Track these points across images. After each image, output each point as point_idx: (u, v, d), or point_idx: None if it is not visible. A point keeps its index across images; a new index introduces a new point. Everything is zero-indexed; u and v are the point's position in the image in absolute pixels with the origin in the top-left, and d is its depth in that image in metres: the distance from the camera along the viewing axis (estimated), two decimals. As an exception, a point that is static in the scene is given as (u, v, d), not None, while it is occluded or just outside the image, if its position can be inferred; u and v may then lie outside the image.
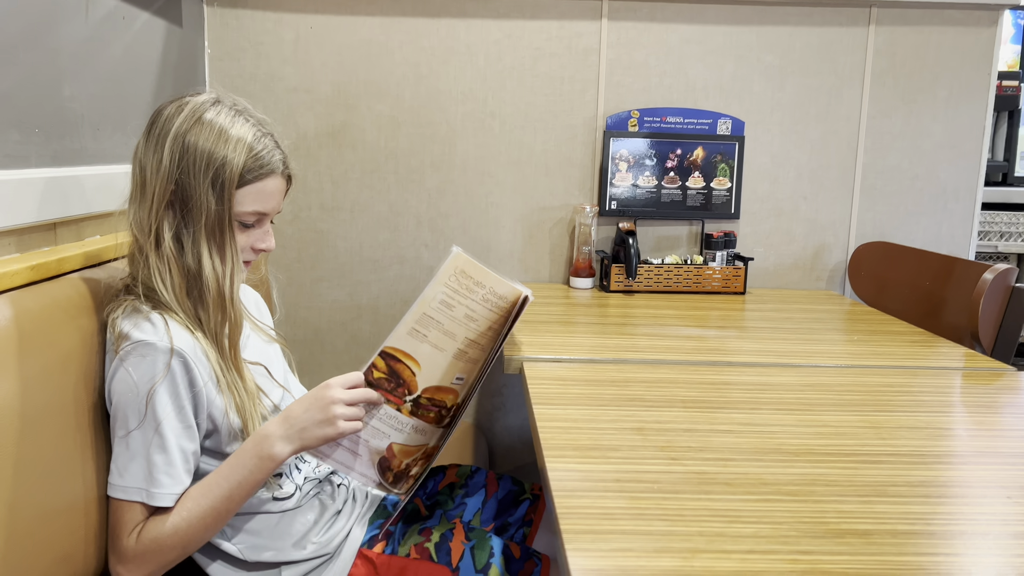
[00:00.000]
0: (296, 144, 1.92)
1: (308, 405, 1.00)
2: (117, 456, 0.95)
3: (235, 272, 1.03)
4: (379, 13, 1.89)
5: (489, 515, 1.28)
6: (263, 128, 1.05)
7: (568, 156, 1.97)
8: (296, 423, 0.99)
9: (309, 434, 0.99)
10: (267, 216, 1.07)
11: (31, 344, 0.89)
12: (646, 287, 1.92)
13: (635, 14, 1.92)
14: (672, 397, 1.14)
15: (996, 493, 0.85)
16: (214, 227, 1.00)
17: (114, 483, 0.95)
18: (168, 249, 0.99)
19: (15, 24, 1.10)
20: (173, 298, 0.99)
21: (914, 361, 1.37)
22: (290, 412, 1.00)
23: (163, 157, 0.98)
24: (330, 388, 1.00)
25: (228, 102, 1.04)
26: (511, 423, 2.07)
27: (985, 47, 1.96)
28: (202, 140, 0.98)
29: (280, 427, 0.99)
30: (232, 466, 0.99)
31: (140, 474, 0.94)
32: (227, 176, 0.99)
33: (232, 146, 0.99)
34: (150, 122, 1.02)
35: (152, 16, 1.56)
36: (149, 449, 0.94)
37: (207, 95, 1.04)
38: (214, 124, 1.00)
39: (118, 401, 0.95)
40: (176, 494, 0.96)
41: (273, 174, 1.04)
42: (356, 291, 2.00)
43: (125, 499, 0.95)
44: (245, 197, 1.02)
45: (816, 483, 0.86)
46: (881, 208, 2.03)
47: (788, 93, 1.97)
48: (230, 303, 1.02)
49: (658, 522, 0.77)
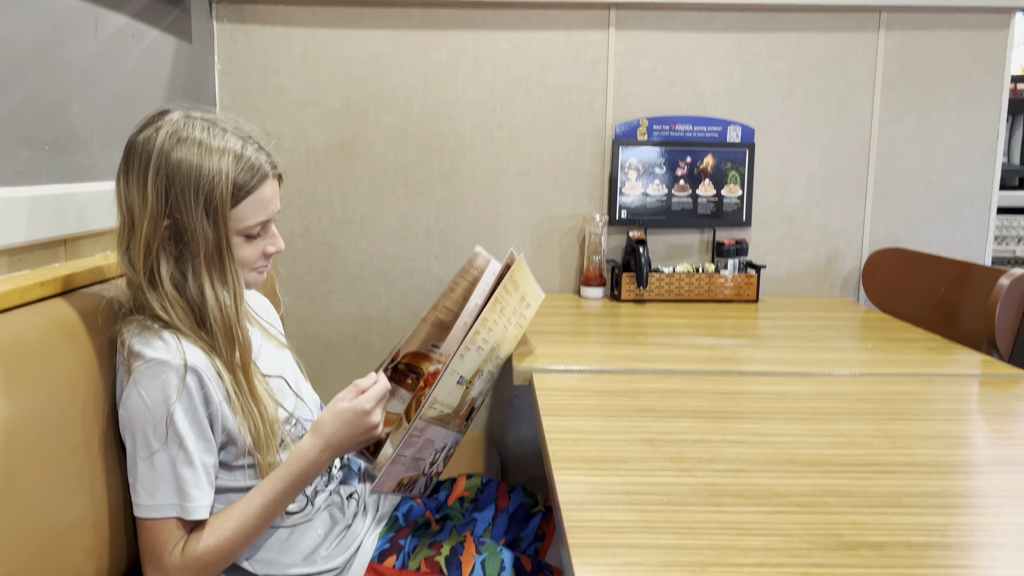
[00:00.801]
0: (305, 157, 1.93)
1: (350, 431, 1.05)
2: (142, 477, 0.94)
3: (238, 295, 1.02)
4: (387, 26, 1.90)
5: (500, 529, 1.27)
6: (240, 134, 1.02)
7: (577, 165, 1.97)
8: (339, 446, 1.06)
9: (348, 450, 1.08)
10: (271, 221, 1.06)
11: (40, 361, 0.89)
12: (657, 296, 1.91)
13: (642, 23, 1.91)
14: (683, 407, 1.13)
15: (1014, 503, 0.84)
16: (213, 254, 0.99)
17: (144, 504, 0.95)
18: (168, 286, 0.98)
19: (25, 42, 1.11)
20: (180, 324, 0.98)
21: (930, 368, 1.35)
22: (330, 436, 1.05)
23: (147, 191, 0.95)
24: (369, 415, 1.06)
25: (197, 115, 1.00)
26: (523, 434, 2.06)
27: (997, 50, 1.94)
28: (185, 167, 0.95)
29: (323, 453, 1.04)
30: (271, 481, 1.02)
31: (171, 491, 0.94)
32: (220, 199, 0.97)
33: (217, 165, 0.97)
34: (125, 156, 0.98)
35: (162, 32, 1.57)
36: (176, 465, 0.94)
37: (176, 113, 0.99)
38: (193, 145, 0.96)
39: (135, 422, 0.94)
40: (207, 506, 0.97)
41: (266, 179, 1.02)
42: (366, 303, 2.00)
43: (159, 517, 0.95)
44: (245, 211, 1.01)
45: (829, 494, 0.85)
46: (894, 214, 2.01)
47: (798, 99, 1.96)
48: (236, 326, 1.01)
49: (667, 535, 0.76)
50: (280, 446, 1.06)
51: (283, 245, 1.09)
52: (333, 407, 1.06)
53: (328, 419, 1.05)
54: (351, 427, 1.04)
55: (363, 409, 1.05)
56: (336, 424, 1.04)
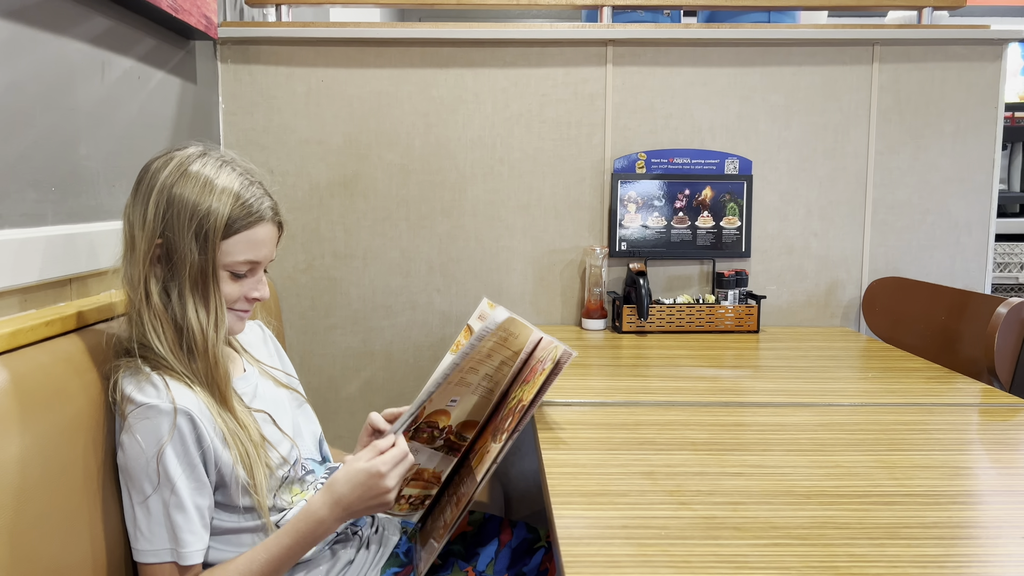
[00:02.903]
0: (309, 194, 1.96)
1: (362, 492, 1.02)
2: (139, 522, 0.95)
3: (219, 322, 1.03)
4: (388, 65, 1.93)
5: (503, 565, 1.26)
6: (250, 177, 1.05)
7: (577, 199, 1.99)
8: (350, 508, 1.02)
9: (358, 513, 1.04)
10: (260, 265, 1.07)
11: (46, 400, 0.90)
12: (658, 327, 1.92)
13: (639, 59, 1.95)
14: (683, 439, 1.14)
15: (1011, 533, 0.84)
16: (197, 278, 1.00)
17: (143, 549, 0.96)
18: (157, 303, 1.00)
19: (33, 87, 1.14)
20: (168, 352, 0.99)
21: (930, 398, 1.36)
22: (341, 496, 1.02)
23: (148, 211, 0.99)
24: (384, 478, 1.02)
25: (215, 154, 1.04)
26: (527, 468, 2.05)
27: (990, 81, 1.97)
28: (187, 192, 0.99)
29: (332, 512, 1.02)
30: (278, 538, 1.01)
31: (165, 536, 0.95)
32: (211, 226, 0.99)
33: (217, 196, 0.99)
34: (138, 178, 1.02)
35: (167, 74, 1.61)
36: (169, 510, 0.95)
37: (194, 148, 1.04)
38: (199, 176, 1.00)
39: (131, 467, 0.95)
40: (201, 550, 0.97)
41: (262, 221, 1.04)
42: (369, 337, 2.01)
43: (156, 562, 0.95)
44: (235, 246, 1.02)
45: (827, 526, 0.85)
46: (893, 243, 2.02)
47: (794, 132, 1.98)
48: (215, 351, 1.02)
49: (665, 570, 0.76)
50: (279, 488, 1.06)
51: (268, 294, 1.09)
52: (349, 467, 1.03)
53: (342, 478, 1.03)
54: (363, 489, 1.01)
55: (378, 471, 1.01)
56: (349, 485, 1.02)
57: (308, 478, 1.14)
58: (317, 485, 1.15)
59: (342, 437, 1.97)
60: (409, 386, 2.02)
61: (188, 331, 1.00)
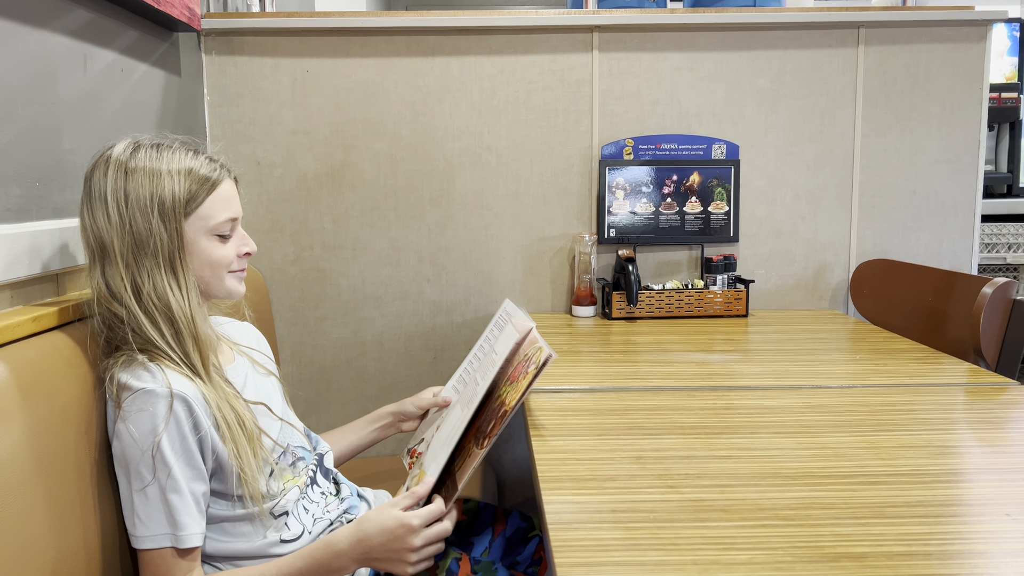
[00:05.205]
0: (296, 185, 1.95)
1: (386, 540, 1.01)
2: (137, 509, 0.96)
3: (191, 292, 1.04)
4: (374, 55, 1.92)
5: (497, 553, 1.27)
6: (188, 147, 1.07)
7: (565, 186, 1.99)
8: (370, 552, 1.01)
9: (377, 562, 1.03)
10: (238, 220, 1.10)
11: (34, 396, 0.90)
12: (648, 313, 1.92)
13: (625, 44, 1.94)
14: (672, 424, 1.15)
15: (995, 510, 0.85)
16: (168, 258, 1.02)
17: (140, 535, 0.96)
18: (145, 294, 1.01)
19: (15, 80, 1.13)
20: (158, 336, 1.00)
21: (916, 378, 1.37)
22: (366, 535, 1.01)
23: (110, 213, 1.00)
24: (414, 533, 1.01)
25: (145, 142, 1.05)
26: (519, 454, 2.06)
27: (975, 62, 1.98)
28: (141, 188, 1.00)
29: (353, 549, 1.01)
30: (292, 559, 1.02)
31: (163, 519, 0.96)
32: (175, 205, 1.01)
33: (169, 178, 1.02)
34: (85, 192, 1.03)
35: (151, 67, 1.60)
36: (165, 494, 0.96)
37: (120, 145, 1.04)
38: (145, 169, 1.01)
39: (127, 454, 0.96)
40: (199, 534, 0.98)
41: (222, 181, 1.07)
42: (360, 328, 2.01)
43: (154, 547, 0.96)
44: (212, 208, 1.05)
45: (813, 507, 0.86)
46: (880, 225, 2.03)
47: (781, 116, 1.99)
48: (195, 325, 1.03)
49: (652, 552, 0.77)
50: (270, 476, 1.07)
51: (255, 246, 1.13)
52: (382, 510, 1.03)
53: (373, 518, 1.03)
54: (389, 536, 1.01)
55: (409, 525, 1.01)
56: (377, 527, 1.01)
57: (299, 464, 1.15)
58: (308, 471, 1.16)
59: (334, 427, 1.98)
60: (400, 376, 2.03)
61: (169, 310, 1.01)
